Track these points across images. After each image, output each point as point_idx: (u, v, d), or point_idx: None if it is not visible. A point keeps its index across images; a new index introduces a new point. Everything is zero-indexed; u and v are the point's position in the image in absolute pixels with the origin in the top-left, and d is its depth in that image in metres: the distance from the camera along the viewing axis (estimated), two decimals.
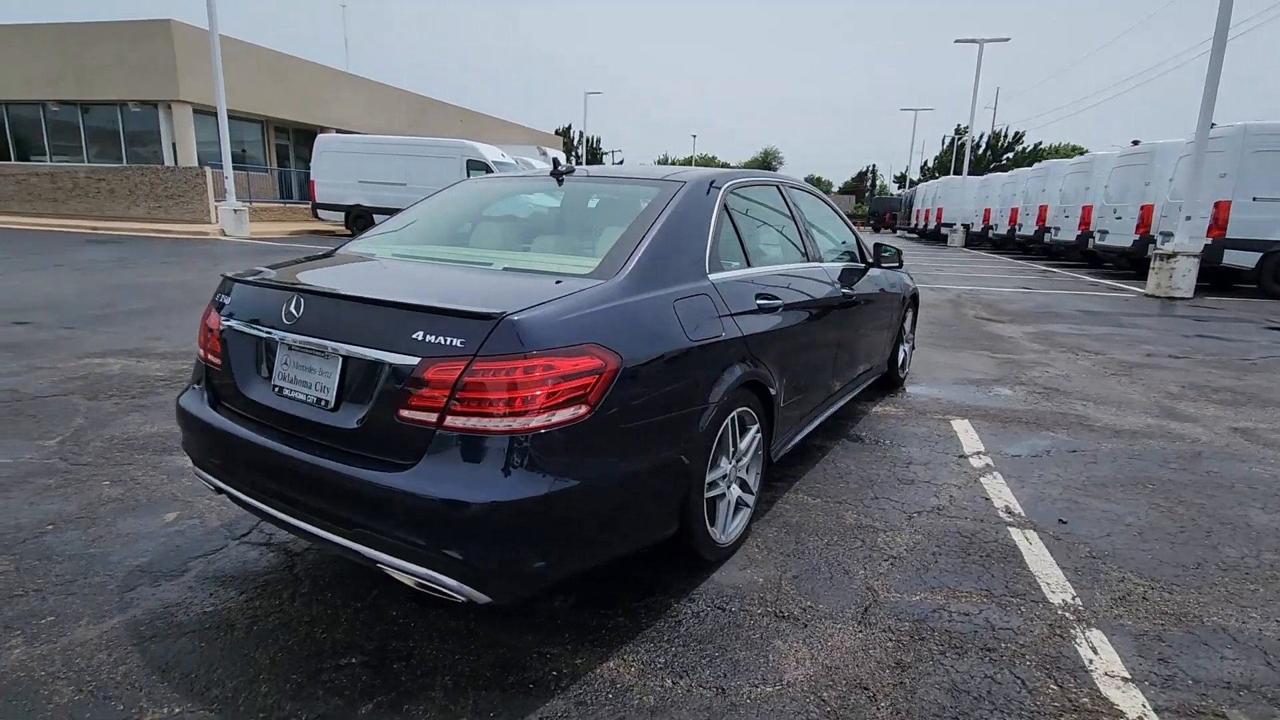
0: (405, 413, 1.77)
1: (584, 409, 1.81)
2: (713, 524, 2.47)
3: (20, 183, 22.98)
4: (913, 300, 5.05)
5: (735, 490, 2.61)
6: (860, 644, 2.10)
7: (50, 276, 9.22)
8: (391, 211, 18.66)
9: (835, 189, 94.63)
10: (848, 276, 3.73)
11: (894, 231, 39.82)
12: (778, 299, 2.78)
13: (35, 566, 2.44)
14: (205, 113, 22.59)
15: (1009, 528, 2.86)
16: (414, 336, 1.79)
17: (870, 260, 4.10)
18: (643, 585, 2.39)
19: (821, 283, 3.31)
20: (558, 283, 2.05)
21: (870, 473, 3.41)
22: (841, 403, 3.77)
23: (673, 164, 72.82)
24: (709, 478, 2.38)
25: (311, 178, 19.53)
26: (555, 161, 2.95)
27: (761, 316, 2.65)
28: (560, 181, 2.91)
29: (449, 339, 1.75)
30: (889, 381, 4.90)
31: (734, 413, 2.46)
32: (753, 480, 2.73)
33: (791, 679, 1.94)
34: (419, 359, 1.76)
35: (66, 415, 3.96)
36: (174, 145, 22.39)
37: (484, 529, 1.71)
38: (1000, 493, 3.21)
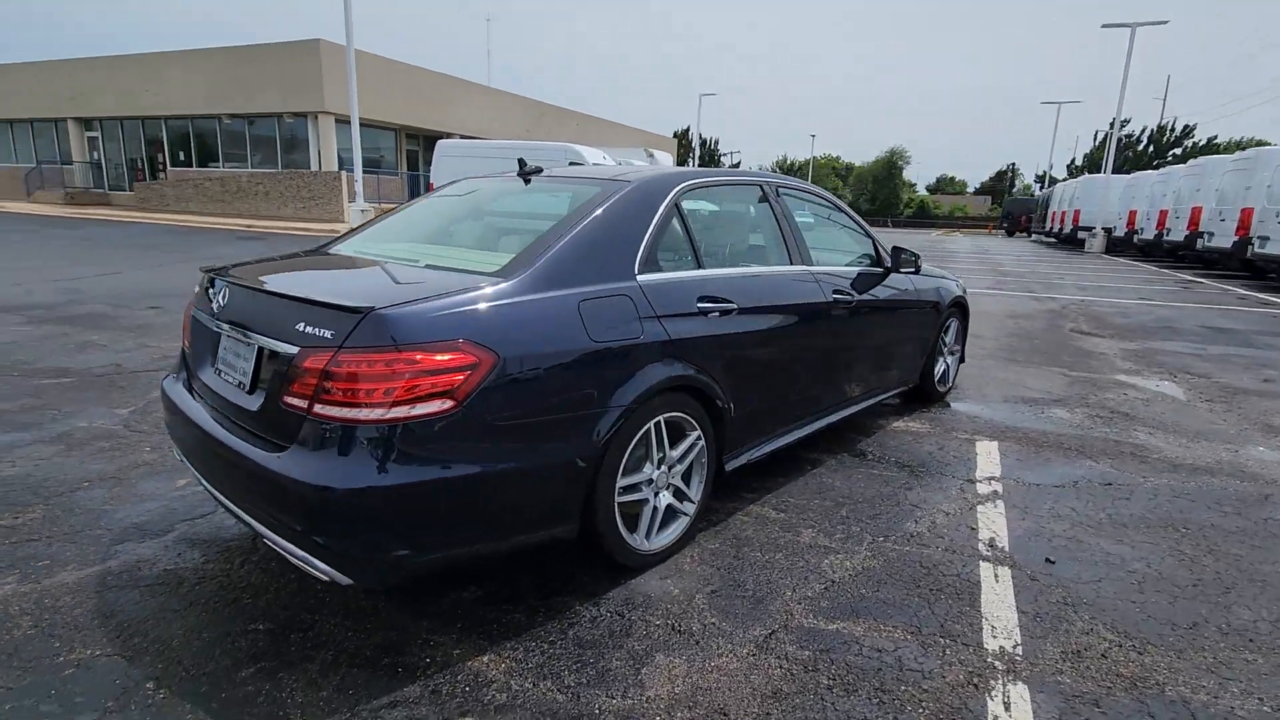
0: (287, 398, 1.90)
1: (450, 404, 1.86)
2: (633, 530, 2.44)
3: (197, 186, 26.36)
4: (956, 309, 4.66)
5: (666, 498, 2.55)
6: (745, 668, 2.00)
7: (193, 268, 10.52)
8: None
9: (971, 189, 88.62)
10: (858, 282, 3.53)
11: (1029, 235, 36.61)
12: (730, 302, 2.68)
13: (58, 516, 2.83)
14: (346, 121, 24.82)
15: (981, 562, 2.60)
16: (297, 327, 1.91)
17: (889, 265, 3.84)
18: (556, 584, 2.40)
19: (805, 286, 3.15)
20: (457, 280, 2.11)
21: (855, 490, 3.21)
22: (841, 415, 3.57)
23: (790, 166, 71.00)
24: (623, 482, 2.35)
25: (430, 180, 20.95)
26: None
27: (703, 320, 2.57)
28: (527, 182, 2.97)
29: (322, 330, 1.86)
30: (923, 395, 4.56)
31: (659, 417, 2.41)
32: (694, 489, 2.66)
33: (653, 695, 1.88)
34: (298, 348, 1.88)
35: (147, 389, 4.52)
36: (319, 152, 24.75)
37: (340, 514, 1.80)
38: (992, 523, 2.91)
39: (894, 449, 3.76)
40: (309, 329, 1.88)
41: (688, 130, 59.47)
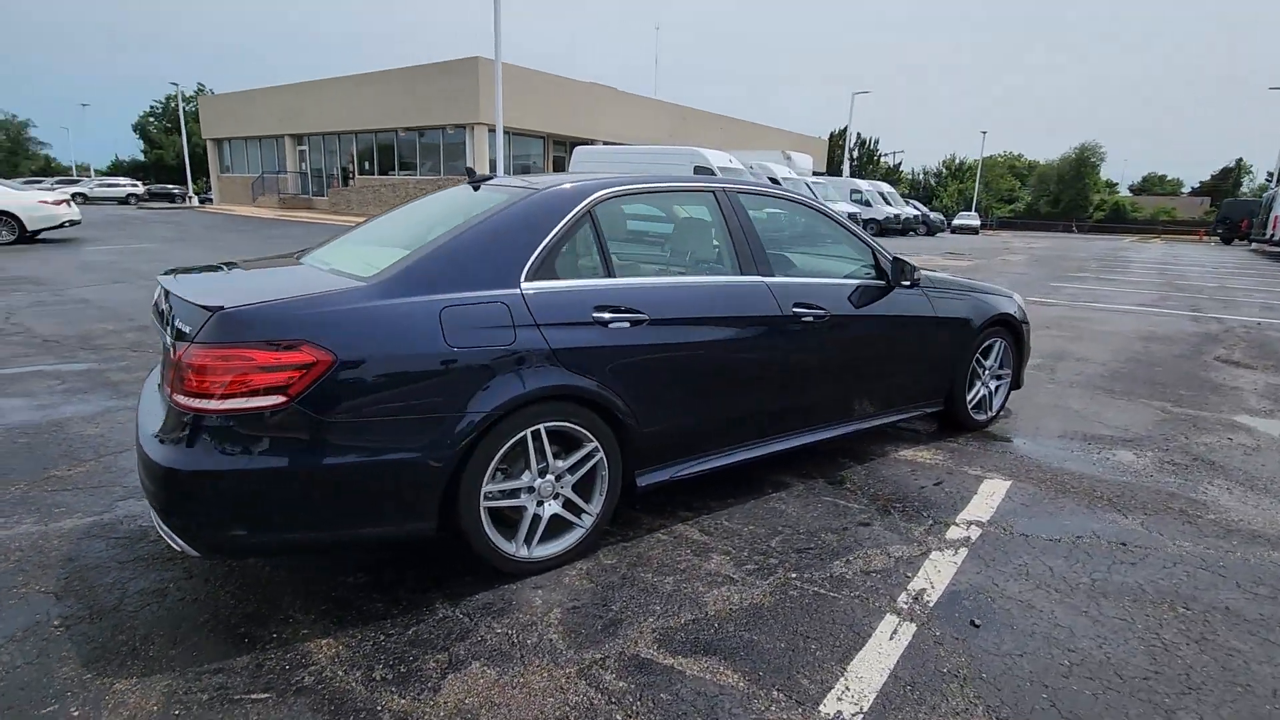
0: (166, 386, 2.15)
1: (282, 399, 2.00)
2: (511, 537, 2.45)
3: (375, 192, 29.67)
4: (1001, 327, 4.11)
5: (552, 507, 2.54)
6: (550, 690, 1.95)
7: None
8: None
9: (1187, 189, 76.76)
10: (836, 294, 3.26)
11: (1248, 242, 30.93)
12: (639, 313, 2.60)
13: (97, 472, 3.36)
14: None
15: (888, 615, 2.30)
16: (178, 324, 2.15)
17: (891, 279, 3.49)
18: (435, 581, 2.48)
19: (751, 298, 2.96)
20: (330, 283, 2.26)
21: (802, 521, 2.97)
22: (821, 437, 3.30)
23: (959, 164, 65.64)
24: (496, 486, 2.37)
25: None
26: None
27: (601, 330, 2.52)
28: (476, 189, 3.07)
29: (188, 326, 2.08)
30: (955, 423, 4.08)
31: (540, 426, 2.41)
32: (594, 502, 2.62)
33: (441, 702, 1.90)
34: (173, 343, 2.12)
35: None
36: (475, 159, 26.84)
37: (184, 493, 2.01)
38: (937, 575, 2.56)
39: (880, 479, 3.42)
40: (182, 325, 2.11)
41: (844, 130, 57.10)
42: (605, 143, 28.40)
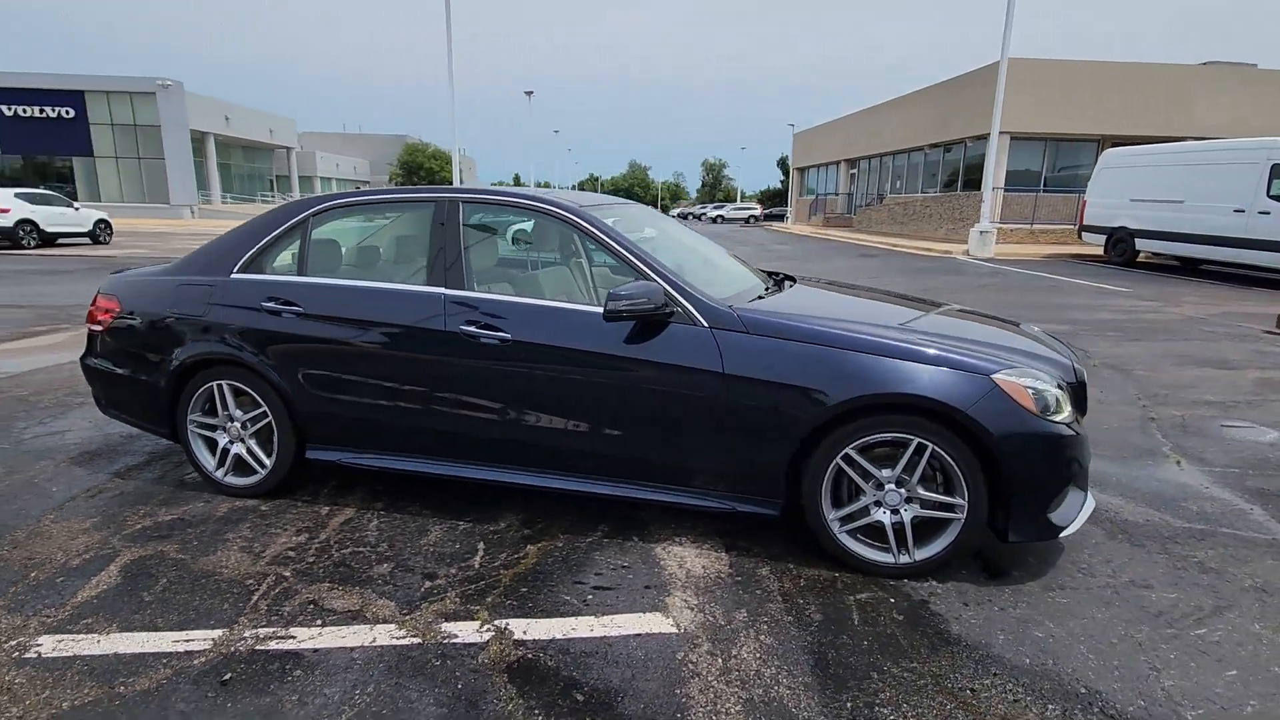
0: None
1: (100, 328, 3.42)
2: (219, 465, 3.29)
3: (890, 211, 29.92)
4: (924, 417, 2.40)
5: (238, 448, 3.25)
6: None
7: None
8: (1163, 236, 15.21)
9: None
10: (545, 318, 2.80)
11: None
12: (297, 306, 3.04)
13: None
14: (1024, 138, 23.35)
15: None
16: None
17: (668, 311, 2.64)
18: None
19: (413, 308, 2.92)
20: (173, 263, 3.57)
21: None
22: (551, 484, 2.87)
23: None
24: (198, 418, 3.27)
25: (1084, 196, 17.86)
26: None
27: (269, 316, 3.07)
28: None
29: None
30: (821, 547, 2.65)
31: (222, 382, 3.19)
32: (271, 458, 3.20)
33: None
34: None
35: None
36: (991, 172, 24.18)
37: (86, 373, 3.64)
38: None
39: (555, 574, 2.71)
40: None
41: None
42: (1198, 139, 21.36)
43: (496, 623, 2.26)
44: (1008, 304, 9.67)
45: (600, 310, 2.68)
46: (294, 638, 2.19)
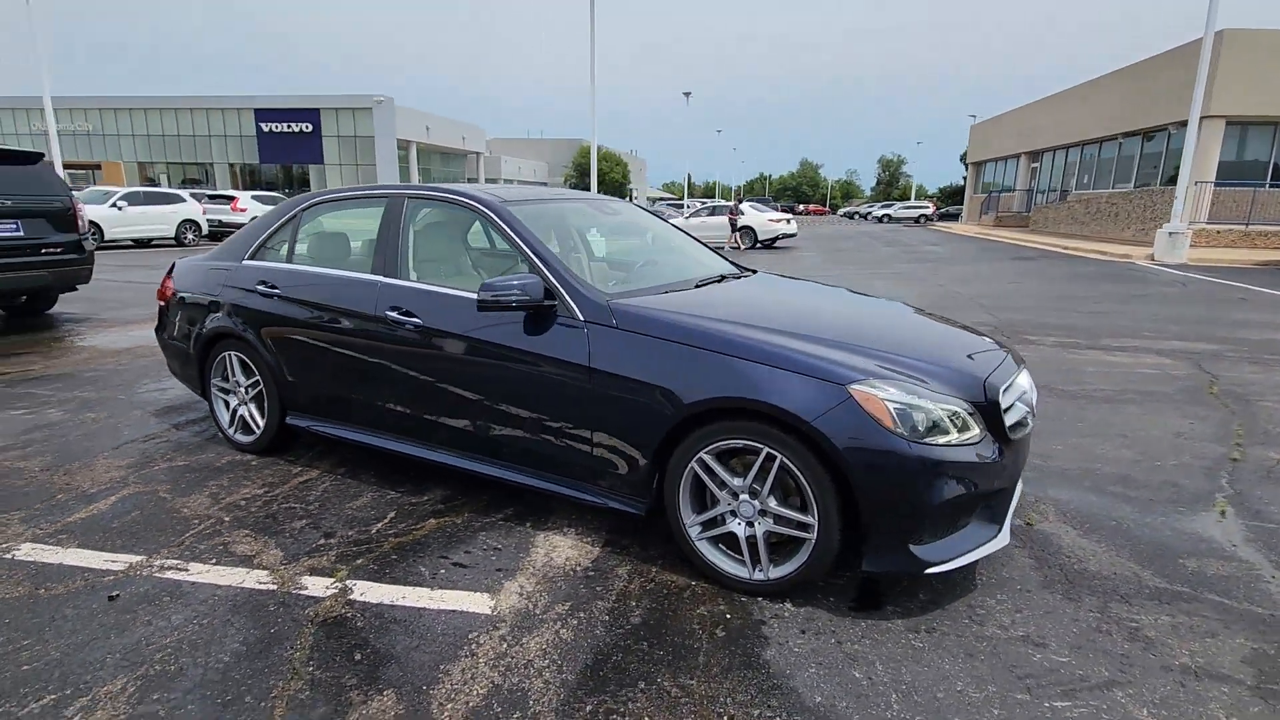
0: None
1: (163, 303, 4.13)
2: (231, 422, 3.87)
3: (1070, 210, 26.55)
4: (762, 422, 2.25)
5: (246, 409, 3.78)
6: None
7: (888, 277, 12.60)
8: None
9: None
10: (451, 306, 2.98)
11: None
12: (276, 288, 3.48)
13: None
14: (1241, 123, 19.64)
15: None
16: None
17: (547, 303, 2.71)
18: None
19: (353, 293, 3.24)
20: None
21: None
22: (477, 468, 3.00)
23: None
24: (218, 381, 3.86)
25: None
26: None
27: (259, 297, 3.56)
28: None
29: None
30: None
31: (230, 352, 3.73)
32: (263, 420, 3.70)
33: None
34: None
35: None
36: (1194, 163, 20.65)
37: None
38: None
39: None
40: None
41: None
42: None
43: (347, 583, 2.49)
44: (1153, 316, 8.29)
45: (475, 301, 2.81)
46: (186, 570, 2.56)
